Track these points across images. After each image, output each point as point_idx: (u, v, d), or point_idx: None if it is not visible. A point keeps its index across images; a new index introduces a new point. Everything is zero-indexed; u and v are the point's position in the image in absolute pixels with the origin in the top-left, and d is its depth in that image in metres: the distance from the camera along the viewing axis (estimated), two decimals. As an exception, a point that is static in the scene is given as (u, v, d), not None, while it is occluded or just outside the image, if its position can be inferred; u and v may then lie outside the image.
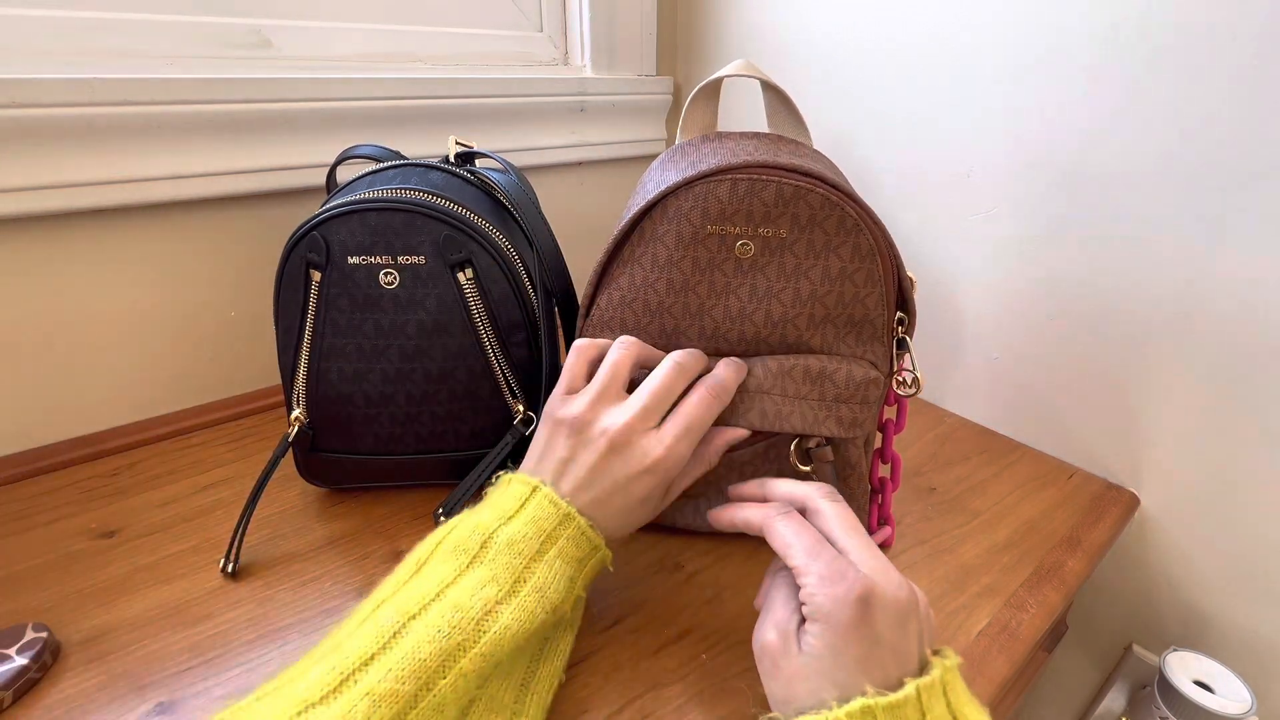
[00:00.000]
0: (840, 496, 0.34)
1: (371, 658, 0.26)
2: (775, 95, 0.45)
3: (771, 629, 0.30)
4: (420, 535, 0.45)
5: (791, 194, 0.35)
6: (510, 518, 0.32)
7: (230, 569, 0.41)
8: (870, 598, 0.28)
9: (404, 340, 0.43)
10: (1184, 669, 0.50)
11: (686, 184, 0.36)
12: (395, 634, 0.27)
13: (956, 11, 0.56)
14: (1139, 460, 0.55)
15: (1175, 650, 0.51)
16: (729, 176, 0.35)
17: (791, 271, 0.37)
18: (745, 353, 0.40)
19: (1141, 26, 0.46)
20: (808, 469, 0.40)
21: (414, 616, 0.27)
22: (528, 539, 0.31)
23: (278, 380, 0.61)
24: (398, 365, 0.43)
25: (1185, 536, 0.54)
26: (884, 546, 0.45)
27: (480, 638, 0.28)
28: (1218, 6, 0.43)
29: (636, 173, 0.83)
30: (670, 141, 0.86)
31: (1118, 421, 0.55)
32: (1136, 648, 0.59)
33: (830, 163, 0.42)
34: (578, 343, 0.38)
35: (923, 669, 0.28)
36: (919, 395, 0.68)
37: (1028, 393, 0.60)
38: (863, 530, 0.32)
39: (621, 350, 0.37)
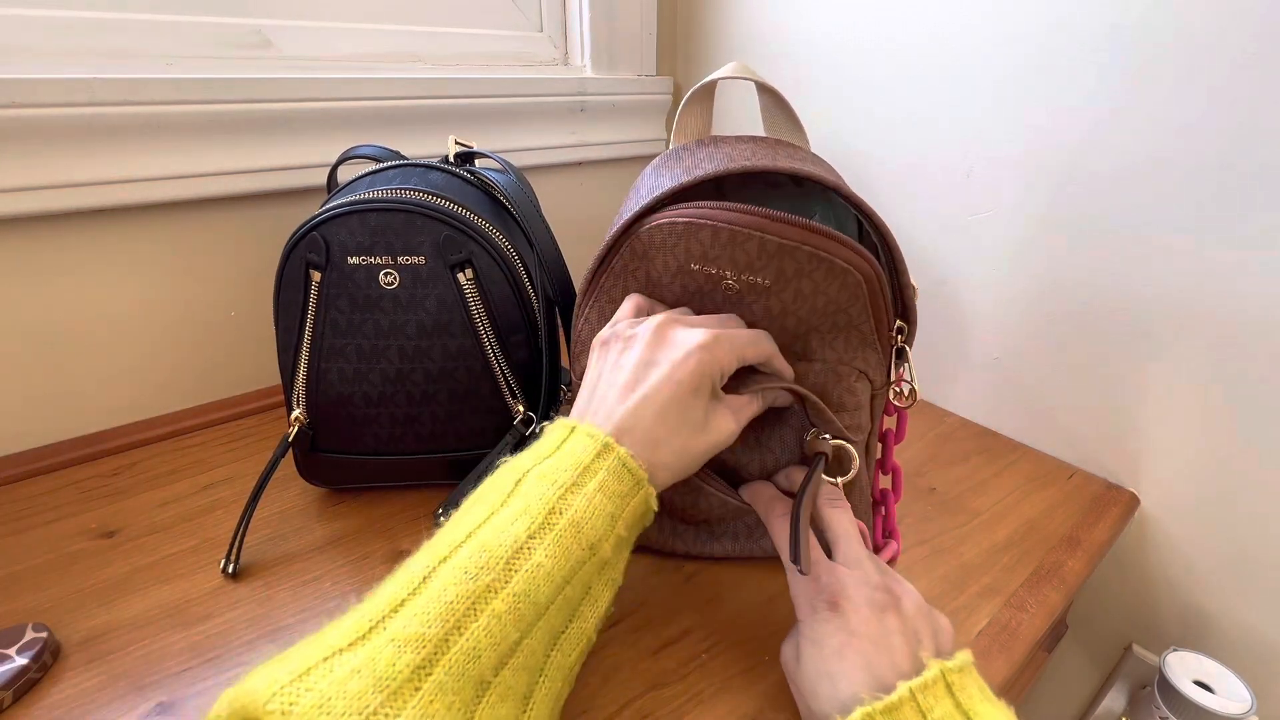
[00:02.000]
0: (844, 501, 0.36)
1: (401, 604, 0.24)
2: (770, 97, 0.44)
3: (788, 644, 0.33)
4: (420, 535, 0.45)
5: (776, 250, 0.33)
6: (548, 456, 0.30)
7: (231, 569, 0.41)
8: (838, 600, 0.30)
9: (404, 341, 0.43)
10: (1184, 669, 0.50)
11: (669, 213, 0.34)
12: (424, 579, 0.25)
13: (956, 12, 0.56)
14: (1139, 460, 0.55)
15: (1175, 650, 0.51)
16: (709, 223, 0.33)
17: (779, 313, 0.36)
18: None
19: (1141, 26, 0.46)
20: (835, 481, 0.38)
21: (444, 559, 0.26)
22: (563, 470, 0.29)
23: (278, 380, 0.61)
24: (398, 365, 0.43)
25: (1185, 536, 0.54)
26: (890, 562, 0.43)
27: (511, 576, 0.26)
28: (1217, 6, 0.43)
29: (636, 173, 0.83)
30: (669, 141, 0.86)
31: (1118, 421, 0.55)
32: (1136, 648, 0.59)
33: (828, 166, 0.41)
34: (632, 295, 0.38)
35: (919, 671, 0.28)
36: (919, 396, 0.68)
37: (1028, 393, 0.60)
38: (854, 535, 0.34)
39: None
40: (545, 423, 0.33)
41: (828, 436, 0.37)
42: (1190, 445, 0.52)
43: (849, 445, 0.37)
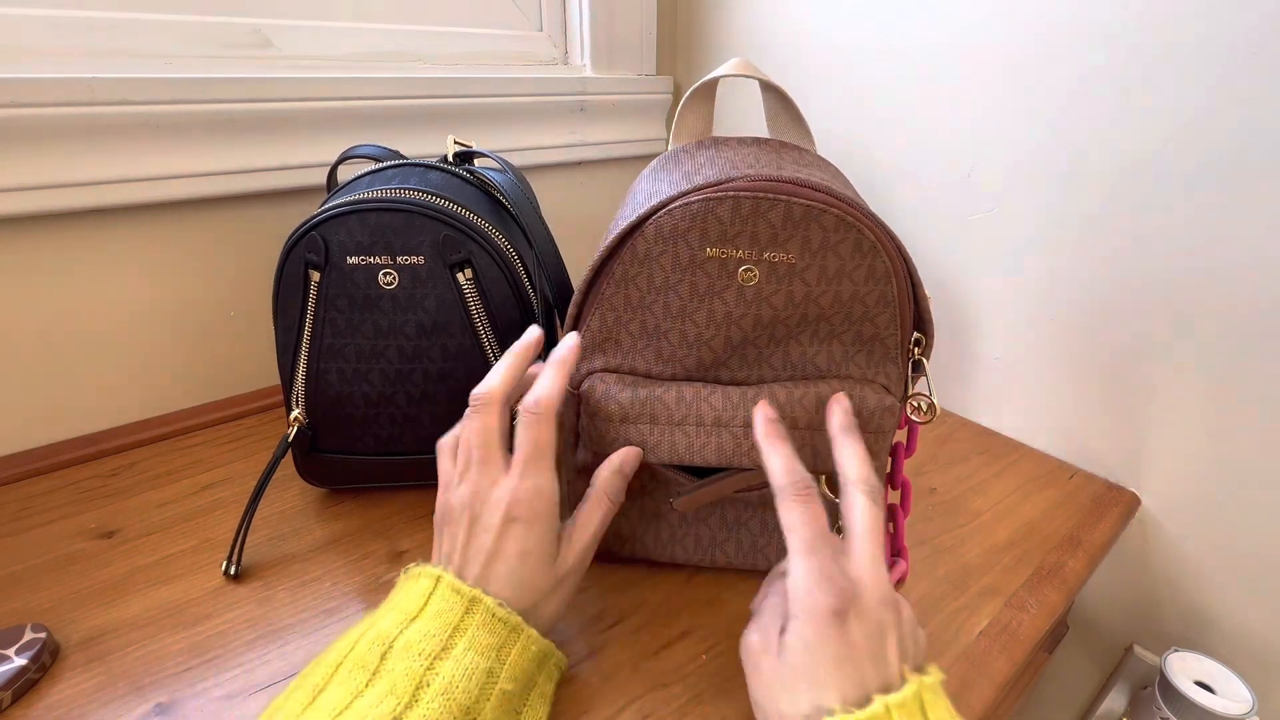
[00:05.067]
0: (880, 496, 0.32)
1: None
2: (775, 96, 0.43)
3: (756, 631, 0.31)
4: (420, 535, 0.46)
5: (802, 215, 0.31)
6: (414, 618, 0.29)
7: (233, 570, 0.41)
8: (849, 609, 0.28)
9: (403, 340, 0.43)
10: (1185, 669, 0.50)
11: (683, 199, 0.33)
12: None
13: (957, 10, 0.56)
14: (1139, 460, 0.55)
15: (1176, 651, 0.51)
16: (731, 194, 0.32)
17: (801, 300, 0.34)
18: (740, 367, 0.37)
19: (1142, 24, 0.46)
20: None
21: None
22: (431, 636, 0.28)
23: (277, 380, 0.61)
24: (397, 365, 0.43)
25: (1186, 536, 0.54)
26: (898, 583, 0.43)
27: None
28: (1218, 4, 0.43)
29: (636, 173, 0.83)
30: (669, 141, 0.86)
31: (1119, 421, 0.55)
32: (1137, 648, 0.59)
33: (835, 170, 0.40)
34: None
35: (900, 685, 0.27)
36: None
37: (1028, 393, 0.60)
38: (878, 538, 0.31)
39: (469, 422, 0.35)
40: (411, 565, 0.32)
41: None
42: (1191, 445, 0.51)
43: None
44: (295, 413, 0.44)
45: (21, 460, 0.51)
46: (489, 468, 0.33)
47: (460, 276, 0.42)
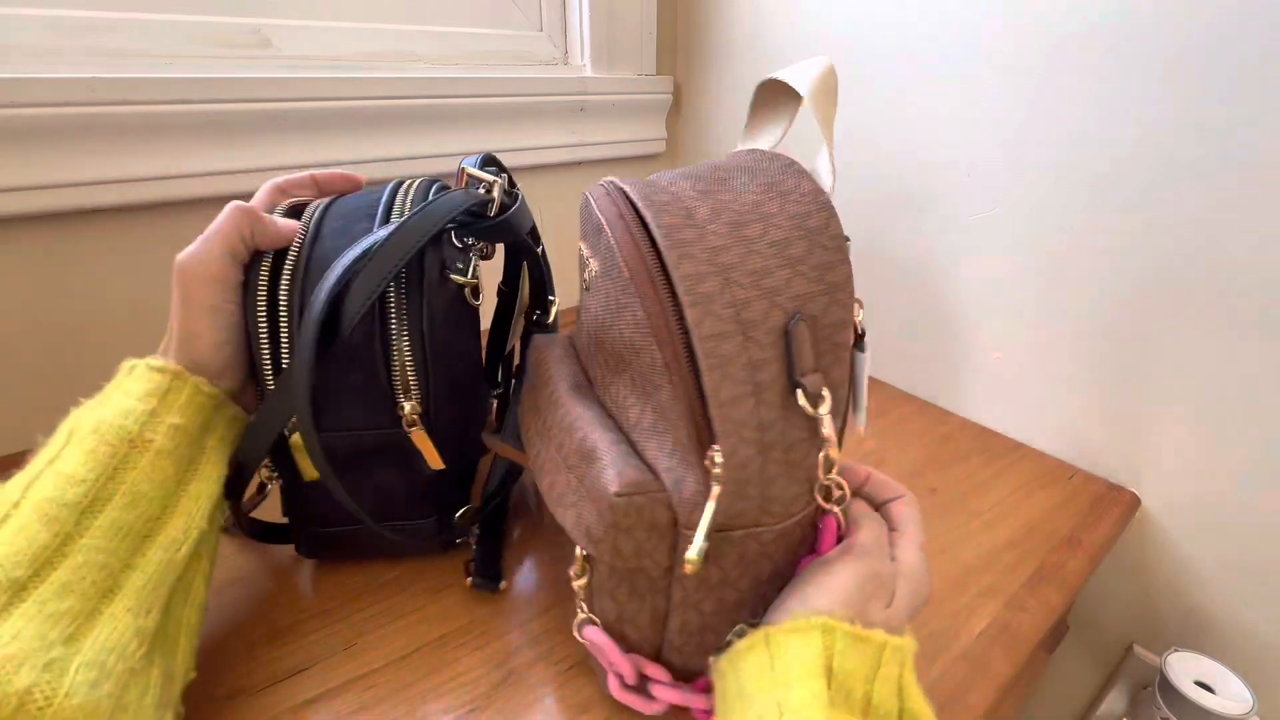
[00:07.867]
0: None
1: None
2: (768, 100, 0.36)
3: (915, 547, 0.34)
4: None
5: (595, 231, 0.33)
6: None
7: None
8: (929, 599, 0.33)
9: None
10: (1185, 669, 0.50)
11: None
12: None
13: (956, 10, 0.56)
14: (1139, 460, 0.55)
15: (1176, 651, 0.51)
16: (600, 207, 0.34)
17: (592, 320, 0.34)
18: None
19: (1141, 24, 0.46)
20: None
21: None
22: (95, 403, 0.36)
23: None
24: None
25: (1186, 536, 0.54)
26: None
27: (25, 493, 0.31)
28: (1218, 4, 0.43)
29: (636, 173, 0.83)
30: (669, 141, 0.86)
31: (1119, 421, 0.55)
32: (1137, 648, 0.59)
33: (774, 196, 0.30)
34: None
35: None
36: (919, 396, 0.68)
37: (1028, 393, 0.60)
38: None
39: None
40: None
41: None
42: (1191, 445, 0.51)
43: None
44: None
45: (21, 461, 0.50)
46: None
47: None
